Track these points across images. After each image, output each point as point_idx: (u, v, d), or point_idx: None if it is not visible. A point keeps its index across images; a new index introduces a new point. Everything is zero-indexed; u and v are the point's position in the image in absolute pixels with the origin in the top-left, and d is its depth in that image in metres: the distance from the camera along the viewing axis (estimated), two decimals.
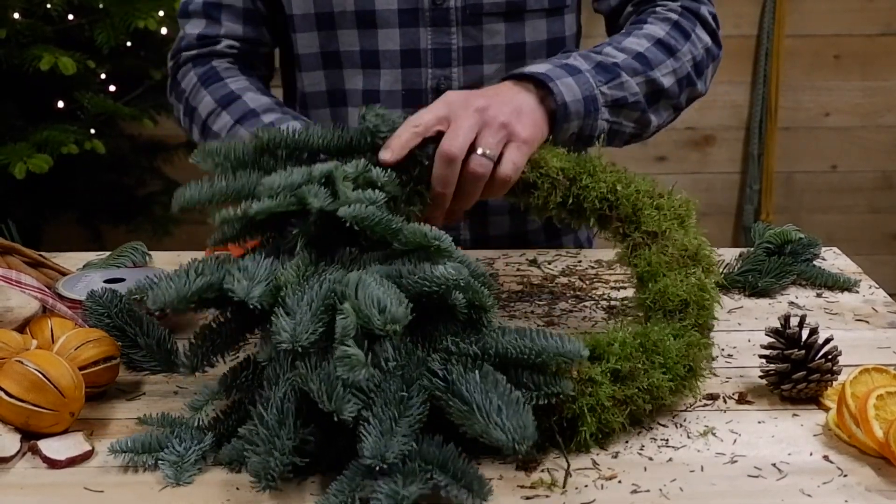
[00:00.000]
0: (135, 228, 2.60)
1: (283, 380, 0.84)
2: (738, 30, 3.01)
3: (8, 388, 0.90)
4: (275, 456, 0.79)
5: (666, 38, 1.24)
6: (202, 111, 1.29)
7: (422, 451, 0.79)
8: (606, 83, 1.14)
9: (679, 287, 0.97)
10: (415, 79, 1.30)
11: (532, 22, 1.31)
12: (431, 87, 1.31)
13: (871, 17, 3.01)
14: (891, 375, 0.95)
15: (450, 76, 1.31)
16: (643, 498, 0.83)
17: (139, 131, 2.63)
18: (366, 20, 1.27)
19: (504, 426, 0.76)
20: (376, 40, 1.29)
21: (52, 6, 2.21)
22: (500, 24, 1.30)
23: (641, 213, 1.01)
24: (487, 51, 1.30)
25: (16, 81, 2.21)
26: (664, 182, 1.05)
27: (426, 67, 1.30)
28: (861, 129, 3.11)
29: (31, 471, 0.87)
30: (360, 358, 0.77)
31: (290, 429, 0.81)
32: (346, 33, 1.29)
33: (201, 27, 1.34)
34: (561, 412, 0.87)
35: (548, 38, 1.34)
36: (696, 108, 2.98)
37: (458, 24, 1.28)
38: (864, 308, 1.23)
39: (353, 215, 0.88)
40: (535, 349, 0.84)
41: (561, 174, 1.04)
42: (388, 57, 1.29)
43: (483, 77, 1.31)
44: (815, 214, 3.19)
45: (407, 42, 1.29)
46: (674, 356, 0.93)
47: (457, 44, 1.29)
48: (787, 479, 0.85)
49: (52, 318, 1.05)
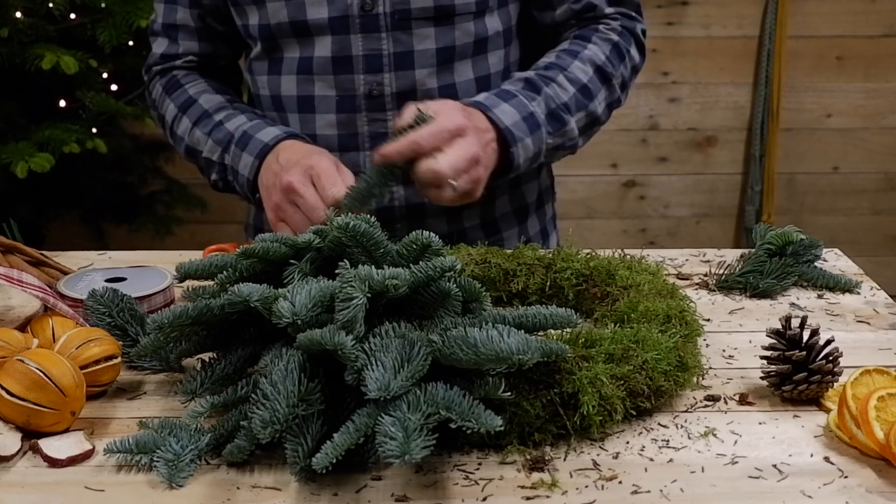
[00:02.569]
0: (137, 227, 2.61)
1: (285, 356, 0.85)
2: (740, 31, 3.01)
3: (9, 387, 0.90)
4: (281, 404, 0.81)
5: (604, 65, 1.37)
6: (168, 117, 1.43)
7: (427, 393, 0.82)
8: (554, 133, 1.31)
9: (659, 306, 1.04)
10: (348, 85, 1.33)
11: (461, 25, 1.34)
12: (364, 92, 1.33)
13: (873, 18, 3.01)
14: (892, 377, 0.95)
15: (381, 81, 1.33)
16: (644, 499, 0.83)
17: (141, 130, 2.63)
18: (300, 29, 1.31)
19: (509, 344, 0.81)
20: (312, 48, 1.32)
21: (55, 5, 2.21)
22: (430, 28, 1.32)
23: (616, 273, 1.14)
24: (418, 56, 1.33)
25: (18, 80, 2.21)
26: (667, 182, 1.06)
27: (358, 74, 1.33)
28: (863, 130, 3.11)
29: (32, 469, 0.87)
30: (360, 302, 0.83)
31: (294, 380, 0.82)
32: (286, 42, 1.34)
33: (164, 46, 1.47)
34: (561, 386, 0.89)
35: (475, 40, 1.36)
36: (698, 110, 3.00)
37: (388, 30, 1.31)
38: (866, 310, 1.23)
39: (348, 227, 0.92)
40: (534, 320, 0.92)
41: (537, 262, 1.18)
42: (320, 64, 1.32)
43: (416, 82, 1.34)
44: (817, 216, 3.19)
45: (338, 49, 1.32)
46: (663, 348, 0.95)
47: (388, 49, 1.32)
48: (787, 480, 0.85)
49: (53, 317, 1.05)
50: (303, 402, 0.82)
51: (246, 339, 0.96)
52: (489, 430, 0.78)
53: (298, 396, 0.82)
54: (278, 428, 0.80)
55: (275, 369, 0.84)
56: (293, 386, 0.82)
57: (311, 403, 0.83)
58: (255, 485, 0.85)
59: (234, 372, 0.95)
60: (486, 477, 0.86)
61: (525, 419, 0.88)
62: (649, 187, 3.09)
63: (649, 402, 0.94)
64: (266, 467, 0.87)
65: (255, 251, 0.97)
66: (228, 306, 0.92)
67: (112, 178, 2.59)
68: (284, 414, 0.81)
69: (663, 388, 0.95)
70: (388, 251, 0.95)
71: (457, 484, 0.84)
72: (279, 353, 0.87)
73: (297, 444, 0.83)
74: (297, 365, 0.84)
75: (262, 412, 0.81)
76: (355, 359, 0.82)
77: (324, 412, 0.85)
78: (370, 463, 0.85)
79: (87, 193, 2.52)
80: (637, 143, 3.05)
